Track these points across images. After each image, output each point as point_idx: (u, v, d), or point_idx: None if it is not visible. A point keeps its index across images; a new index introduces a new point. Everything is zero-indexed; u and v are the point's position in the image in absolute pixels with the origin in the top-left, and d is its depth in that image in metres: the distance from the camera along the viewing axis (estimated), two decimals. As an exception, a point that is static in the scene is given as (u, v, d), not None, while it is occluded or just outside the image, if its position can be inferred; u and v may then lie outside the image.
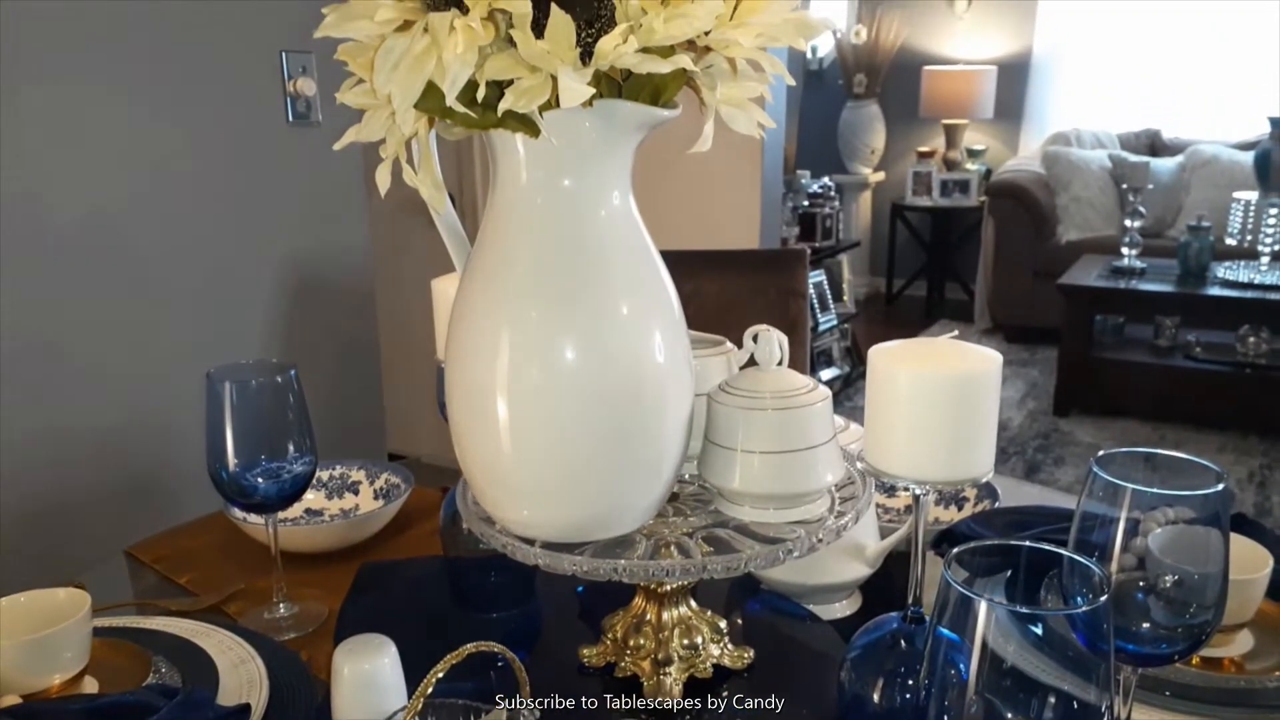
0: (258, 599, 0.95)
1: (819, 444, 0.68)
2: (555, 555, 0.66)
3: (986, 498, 1.00)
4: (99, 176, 1.61)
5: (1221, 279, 3.55)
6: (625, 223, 0.65)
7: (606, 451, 0.64)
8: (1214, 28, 4.74)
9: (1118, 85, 5.04)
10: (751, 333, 0.74)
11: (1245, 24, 4.66)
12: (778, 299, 1.60)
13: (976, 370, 0.58)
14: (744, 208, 2.26)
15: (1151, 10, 4.85)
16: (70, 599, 0.75)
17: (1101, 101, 5.07)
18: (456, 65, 0.53)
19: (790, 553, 0.65)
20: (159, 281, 1.72)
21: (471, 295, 0.66)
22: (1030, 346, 4.49)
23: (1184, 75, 4.87)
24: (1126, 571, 0.62)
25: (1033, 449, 3.37)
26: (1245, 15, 4.65)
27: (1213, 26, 4.74)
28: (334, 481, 1.14)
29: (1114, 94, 5.05)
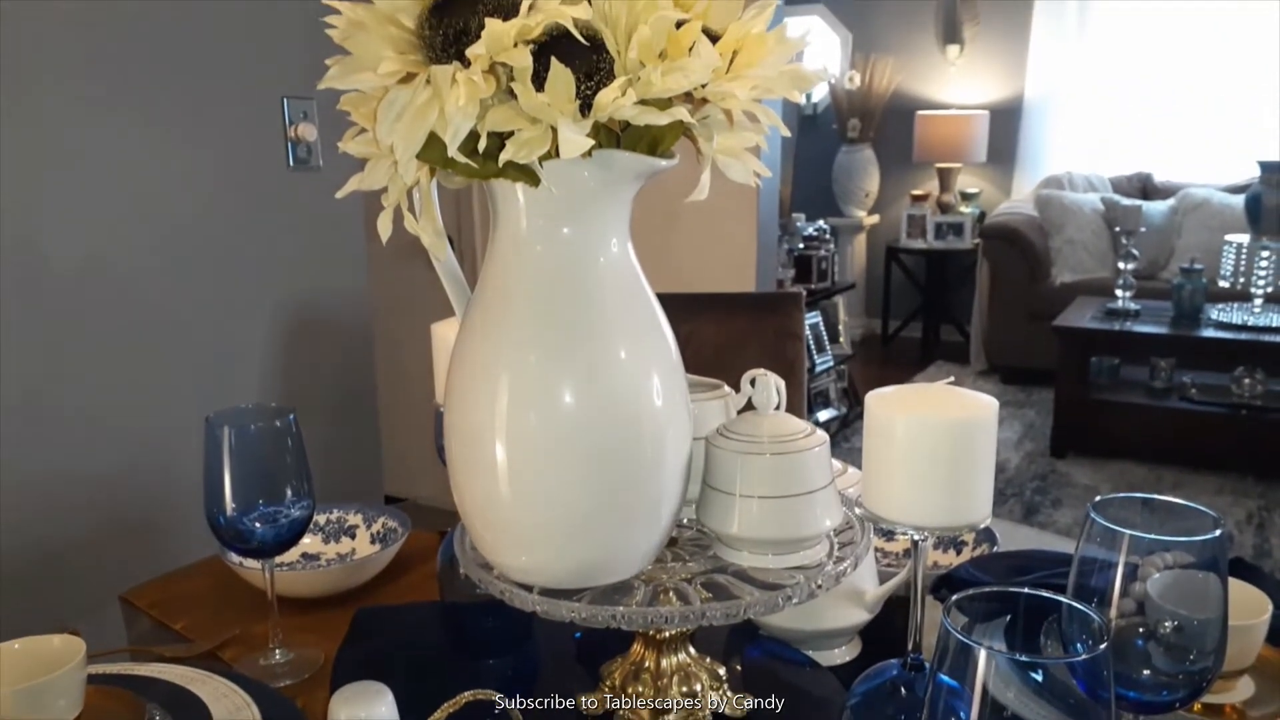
0: (253, 645, 0.94)
1: (817, 489, 0.68)
2: (553, 602, 0.65)
3: (985, 541, 1.00)
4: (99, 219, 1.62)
5: (1215, 321, 3.57)
6: (623, 269, 0.65)
7: (605, 496, 0.65)
8: (1204, 72, 4.81)
9: (1109, 129, 5.11)
10: (749, 377, 0.74)
11: (1234, 68, 4.74)
12: (774, 341, 1.61)
13: (972, 416, 0.59)
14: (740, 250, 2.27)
15: (1141, 55, 4.93)
16: (65, 646, 0.74)
17: (1093, 145, 5.13)
18: (458, 117, 0.54)
19: (790, 599, 0.65)
20: (157, 324, 1.72)
21: (471, 340, 0.66)
22: (1026, 388, 4.50)
23: (1174, 119, 4.94)
24: (1126, 617, 0.62)
25: (1030, 490, 3.37)
26: (1234, 59, 4.73)
27: (1202, 71, 4.81)
28: (331, 525, 1.13)
29: (1105, 138, 5.12)
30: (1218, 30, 4.75)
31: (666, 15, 0.54)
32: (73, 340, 1.60)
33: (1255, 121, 4.70)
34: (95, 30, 1.58)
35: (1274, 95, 4.63)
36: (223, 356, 1.84)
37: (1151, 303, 3.79)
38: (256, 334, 1.90)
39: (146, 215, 1.69)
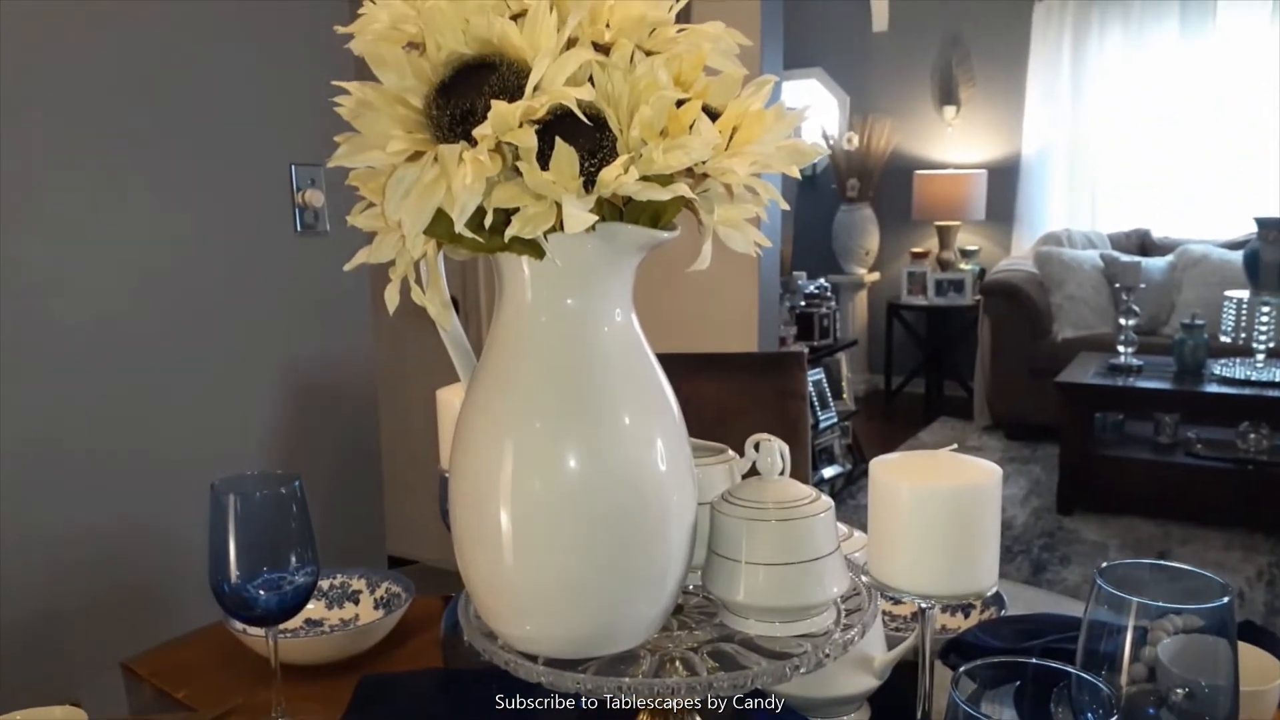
0: (256, 713, 0.93)
1: (823, 555, 0.68)
2: (559, 673, 0.65)
3: (993, 604, 1.00)
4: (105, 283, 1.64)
5: (1219, 376, 3.58)
6: (627, 337, 0.66)
7: (610, 562, 0.64)
8: (1200, 129, 4.88)
9: (1106, 186, 5.17)
10: (753, 441, 0.74)
11: (1230, 125, 4.80)
12: (777, 401, 1.61)
13: (976, 483, 0.59)
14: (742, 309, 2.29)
15: (1137, 112, 5.01)
16: (66, 717, 0.74)
17: (1091, 202, 5.19)
18: (465, 195, 0.55)
19: (797, 669, 0.65)
20: (161, 387, 1.73)
21: (476, 407, 0.67)
22: (1031, 444, 4.49)
23: (1171, 176, 5.00)
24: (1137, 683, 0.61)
25: (1038, 548, 3.34)
26: (1230, 116, 4.80)
27: (1198, 128, 4.88)
28: (334, 590, 1.13)
29: (1103, 194, 5.17)
30: (1213, 88, 4.83)
31: (667, 94, 0.56)
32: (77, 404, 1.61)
33: (1252, 178, 4.76)
34: (103, 94, 1.61)
35: (1271, 152, 4.69)
36: (227, 420, 1.84)
37: (1154, 358, 3.80)
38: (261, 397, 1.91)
39: (153, 279, 1.71)
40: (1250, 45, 4.73)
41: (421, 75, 0.60)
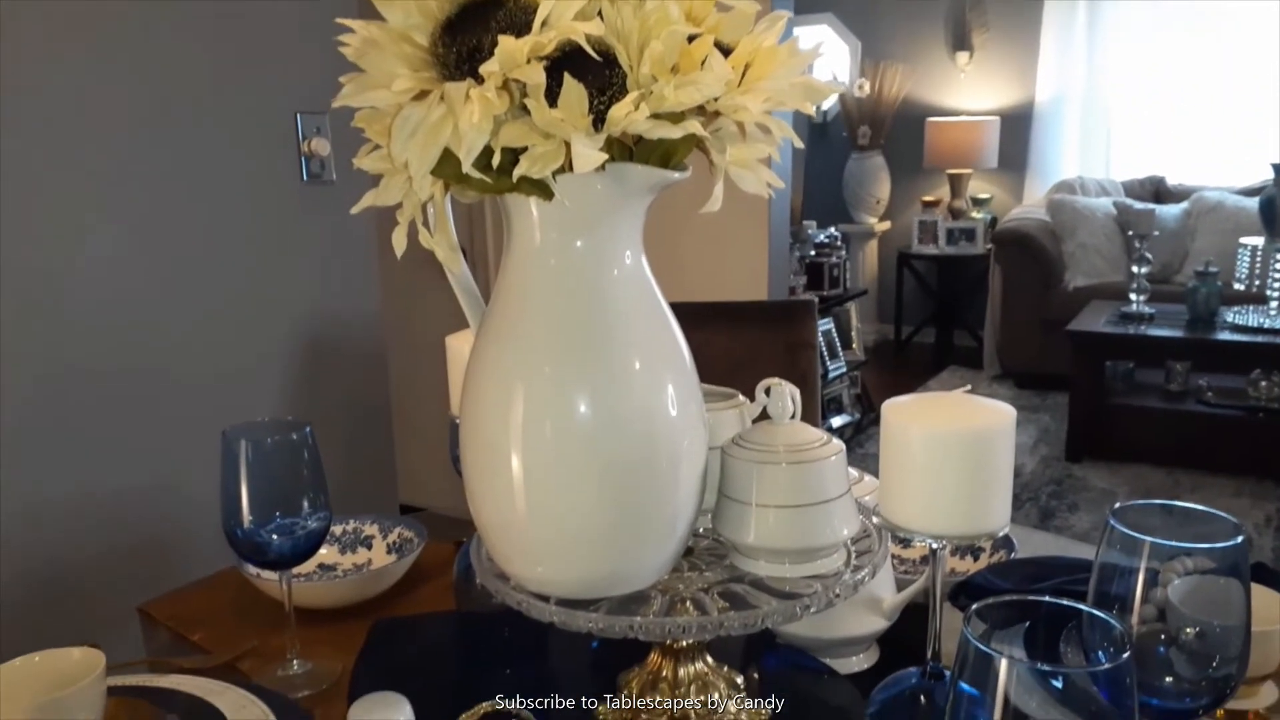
0: (271, 656, 0.94)
1: (834, 498, 0.68)
2: (570, 612, 0.65)
3: (1003, 548, 1.00)
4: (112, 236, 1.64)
5: (1231, 324, 3.55)
6: (637, 281, 0.66)
7: (621, 507, 0.65)
8: (1215, 74, 4.79)
9: (1121, 133, 5.09)
10: (764, 386, 0.74)
11: (1246, 70, 4.71)
12: (787, 351, 1.61)
13: (990, 425, 0.59)
14: (752, 259, 2.27)
15: (1152, 58, 4.92)
16: (84, 659, 0.75)
17: (1105, 149, 5.11)
18: (472, 134, 0.54)
19: (807, 608, 0.65)
20: (172, 340, 1.73)
21: (486, 353, 0.67)
22: (1041, 392, 4.48)
23: (1186, 122, 4.91)
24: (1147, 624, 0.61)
25: (1046, 495, 3.35)
26: (1246, 61, 4.71)
27: (1214, 73, 4.79)
28: (347, 536, 1.14)
29: (1117, 141, 5.10)
30: (1228, 32, 4.73)
31: (679, 30, 0.54)
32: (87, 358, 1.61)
33: (1268, 123, 4.67)
34: (105, 47, 1.59)
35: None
36: (238, 370, 1.85)
37: (1166, 306, 3.77)
38: (271, 347, 1.91)
39: (160, 231, 1.70)
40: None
41: (427, 12, 0.59)
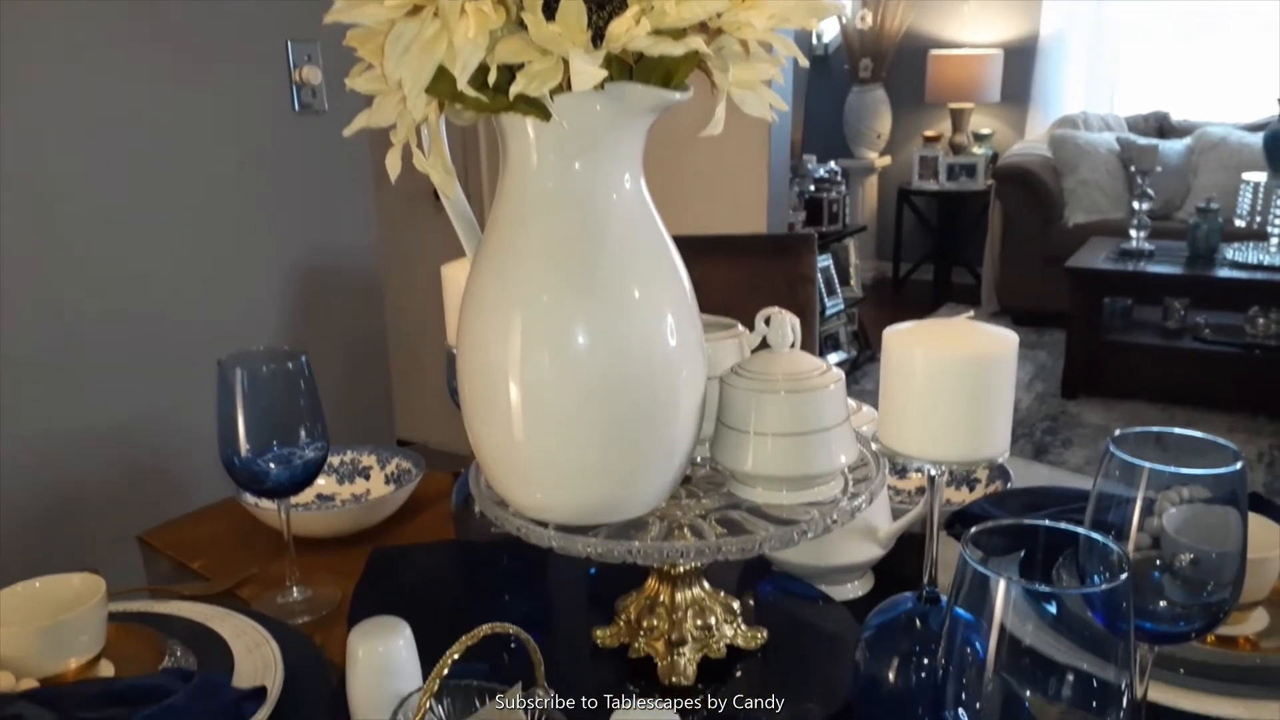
0: (270, 584, 0.95)
1: (832, 426, 0.68)
2: (569, 537, 0.66)
3: (998, 479, 1.00)
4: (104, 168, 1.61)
5: (1231, 261, 3.53)
6: (636, 205, 0.65)
7: (619, 435, 0.64)
8: (1222, 9, 4.70)
9: (1125, 67, 5.01)
10: (764, 315, 0.74)
11: (1254, 5, 4.62)
12: (786, 284, 1.60)
13: (993, 351, 0.58)
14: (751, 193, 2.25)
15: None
16: (85, 584, 0.75)
17: (1109, 84, 5.04)
18: (468, 49, 0.53)
19: (804, 534, 0.65)
20: (166, 272, 1.72)
21: (482, 280, 0.66)
22: (1038, 329, 4.48)
23: (1192, 57, 4.84)
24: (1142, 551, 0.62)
25: (1041, 431, 3.37)
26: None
27: (1221, 8, 4.70)
28: (345, 467, 1.14)
29: (1121, 76, 5.02)
30: (1238, -37, 4.63)
31: (680, -61, 0.53)
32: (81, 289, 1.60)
33: (1274, 59, 4.59)
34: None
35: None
36: (233, 304, 1.84)
37: (1166, 243, 3.75)
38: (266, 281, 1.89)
39: (152, 162, 1.68)
40: (1284, -85, 4.50)
41: (419, -78, 0.57)
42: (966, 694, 0.49)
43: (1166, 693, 0.70)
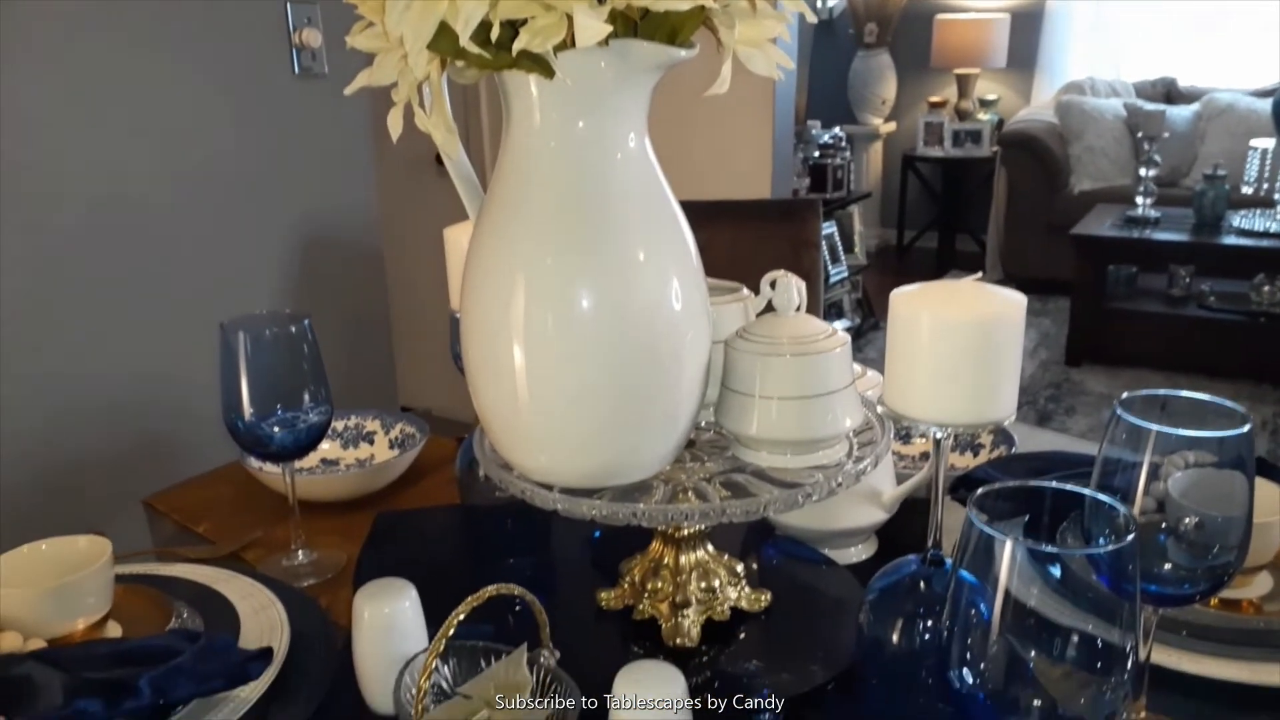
0: (276, 547, 0.95)
1: (837, 389, 0.68)
2: (574, 500, 0.66)
3: (1003, 444, 1.00)
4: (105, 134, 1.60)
5: (1237, 228, 3.51)
6: (641, 166, 0.64)
7: (623, 399, 0.64)
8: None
9: (1133, 33, 4.95)
10: (769, 278, 0.73)
11: (1265, -33, 4.56)
12: (790, 250, 1.59)
13: (1001, 313, 0.58)
14: (755, 158, 2.23)
15: (1169, -46, 4.75)
16: (91, 546, 0.75)
17: (1116, 49, 4.98)
18: (470, 5, 0.52)
19: (809, 496, 0.65)
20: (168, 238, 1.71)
21: (485, 242, 0.65)
22: (1042, 297, 4.46)
23: (1200, 22, 4.77)
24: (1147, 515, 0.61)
25: (1044, 399, 3.37)
26: (1266, -42, 4.55)
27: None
28: (349, 431, 1.14)
29: (1129, 42, 4.96)
30: (1250, -75, 4.56)
31: (687, -109, 0.51)
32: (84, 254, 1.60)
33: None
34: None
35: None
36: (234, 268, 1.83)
37: (1172, 210, 3.73)
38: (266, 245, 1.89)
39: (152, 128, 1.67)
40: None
41: (420, -126, 0.55)
42: (971, 655, 0.49)
43: (1169, 655, 0.70)
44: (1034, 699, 0.48)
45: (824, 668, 0.71)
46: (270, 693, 0.69)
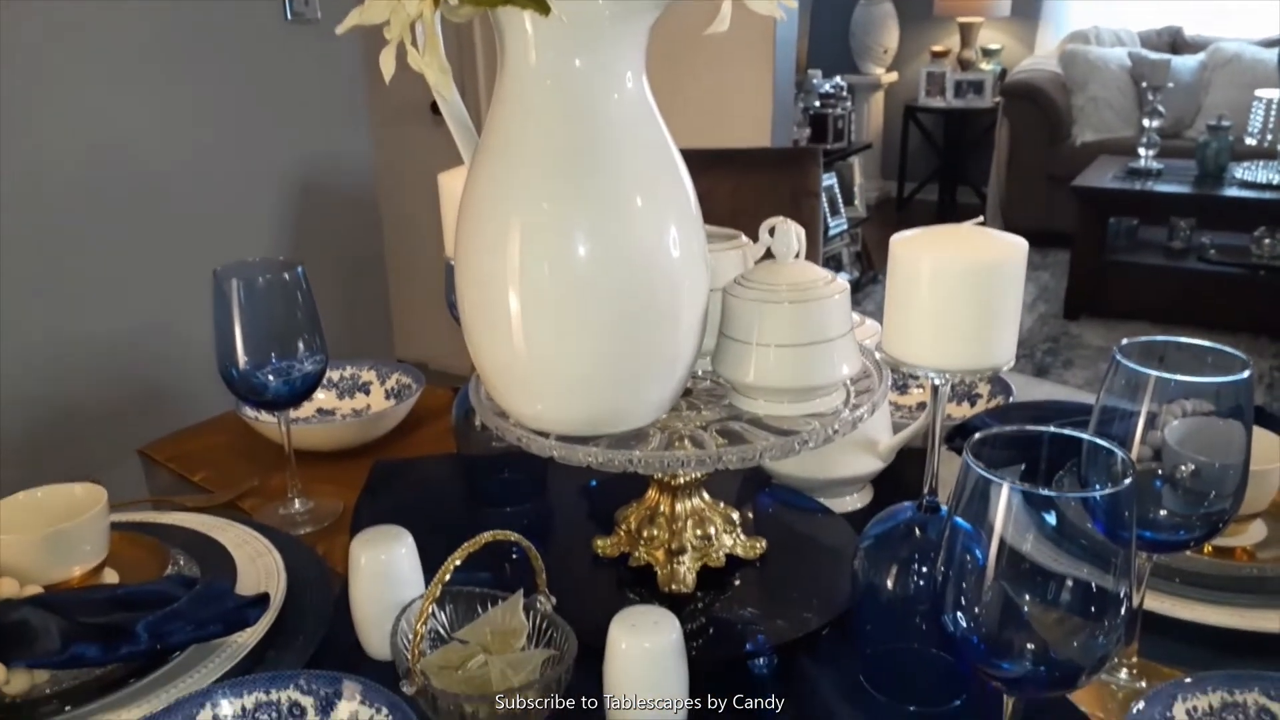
0: (272, 496, 0.96)
1: (836, 337, 0.67)
2: (570, 447, 0.65)
3: (1000, 394, 1.00)
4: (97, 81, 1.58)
5: (1239, 180, 3.49)
6: (639, 107, 0.63)
7: (620, 347, 0.64)
8: (1243, -83, 4.55)
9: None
10: (769, 225, 0.72)
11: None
12: (790, 199, 1.57)
13: (1002, 257, 0.57)
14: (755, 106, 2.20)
15: (1179, -102, 4.66)
16: (86, 493, 0.75)
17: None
18: (462, -65, 0.50)
19: (805, 444, 0.65)
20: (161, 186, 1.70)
21: (480, 187, 0.64)
22: (1042, 250, 4.43)
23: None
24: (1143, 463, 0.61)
25: (1042, 352, 3.37)
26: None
27: (1242, -85, 4.55)
28: (345, 382, 1.14)
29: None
30: None
31: None
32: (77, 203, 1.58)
33: (1296, -31, 4.46)
34: None
35: (1317, -59, 4.38)
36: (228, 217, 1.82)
37: (1175, 162, 3.70)
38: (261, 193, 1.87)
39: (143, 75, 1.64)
40: None
41: None
42: (965, 599, 0.49)
43: (1162, 601, 0.70)
44: (1027, 642, 0.48)
45: (818, 614, 0.71)
46: (267, 638, 0.69)
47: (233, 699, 0.60)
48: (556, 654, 0.64)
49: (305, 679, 0.60)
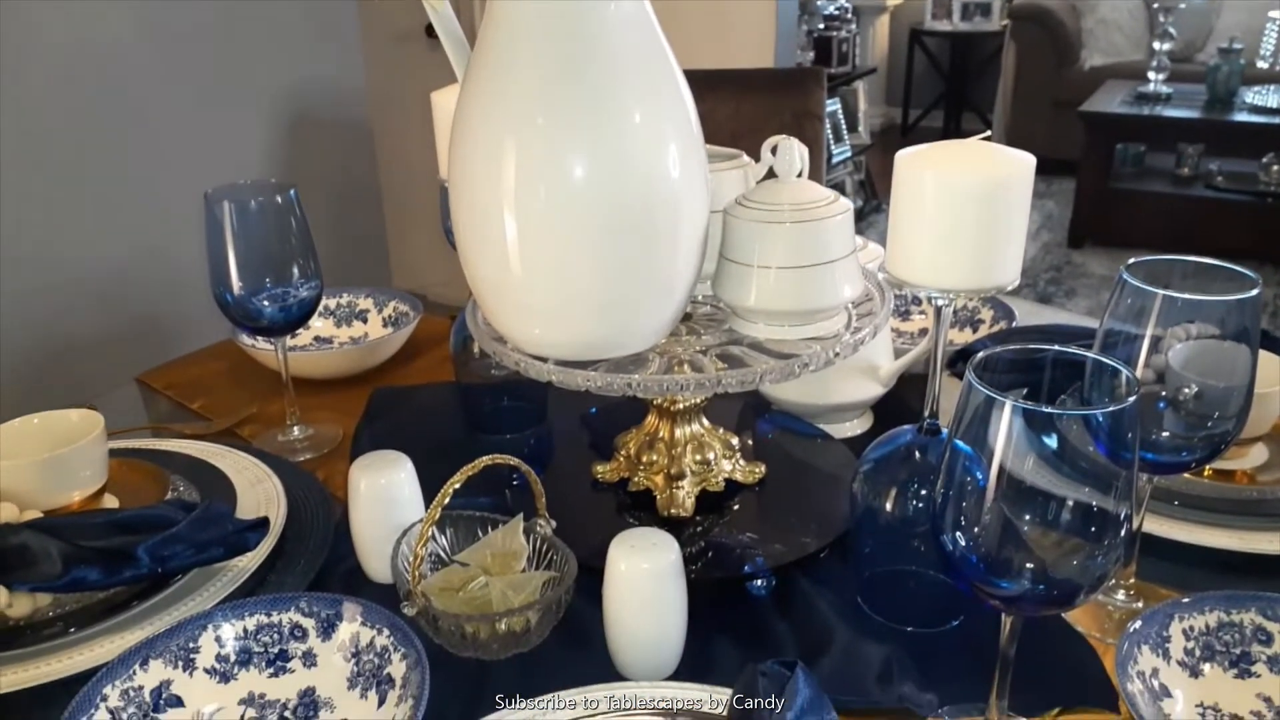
0: (271, 423, 0.95)
1: (838, 258, 0.66)
2: (568, 371, 0.65)
3: (1003, 319, 0.99)
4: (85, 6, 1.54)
5: (1250, 104, 3.42)
6: (638, 20, 0.61)
7: (618, 269, 0.62)
8: None
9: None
10: (770, 144, 0.70)
11: None
12: (793, 120, 1.54)
13: (1008, 173, 0.55)
14: (758, 27, 2.15)
15: None
16: (84, 420, 0.75)
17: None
18: None
19: (806, 366, 0.64)
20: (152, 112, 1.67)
21: (473, 104, 0.62)
22: (1047, 178, 4.38)
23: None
24: (1146, 386, 0.61)
25: (1044, 281, 3.35)
26: None
27: None
28: (342, 309, 1.13)
29: (1151, -95, 4.74)
30: None
31: None
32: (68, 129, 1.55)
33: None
34: None
35: None
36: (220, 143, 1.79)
37: (1185, 86, 3.63)
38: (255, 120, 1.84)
39: None
40: None
41: None
42: (965, 520, 0.48)
43: (1161, 524, 0.71)
44: (1025, 562, 0.48)
45: (816, 537, 0.71)
46: (268, 562, 0.70)
47: (234, 620, 0.60)
48: (556, 575, 0.64)
49: (306, 601, 0.61)
